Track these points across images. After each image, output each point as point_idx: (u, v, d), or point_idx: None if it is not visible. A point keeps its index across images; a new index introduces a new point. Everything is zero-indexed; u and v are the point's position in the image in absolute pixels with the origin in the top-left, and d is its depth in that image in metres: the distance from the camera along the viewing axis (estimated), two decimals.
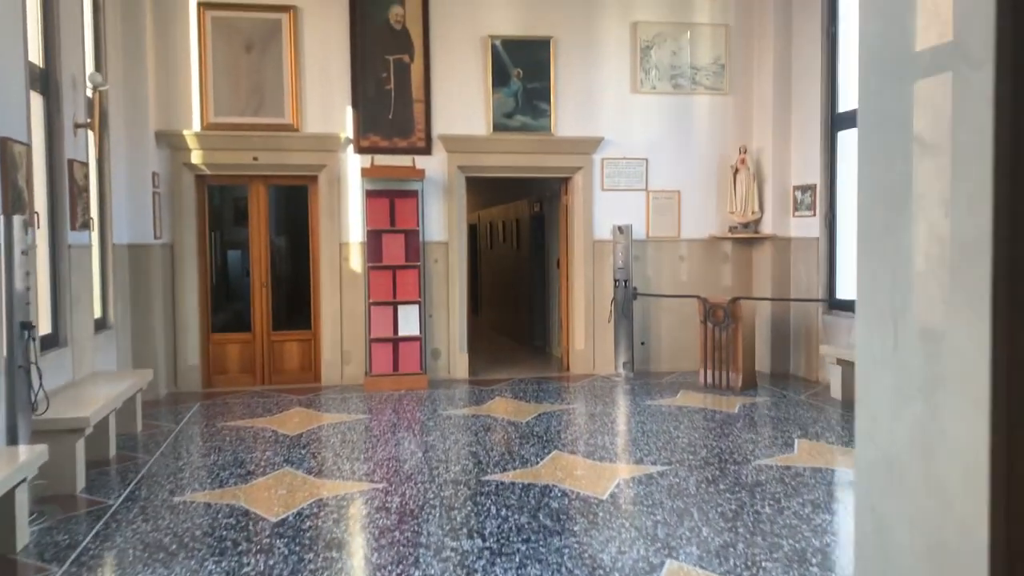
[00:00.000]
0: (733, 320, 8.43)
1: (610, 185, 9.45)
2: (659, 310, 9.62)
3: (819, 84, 8.87)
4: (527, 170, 9.36)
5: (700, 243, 9.69)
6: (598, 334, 9.49)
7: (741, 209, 9.49)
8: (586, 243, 9.43)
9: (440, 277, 9.13)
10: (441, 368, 9.19)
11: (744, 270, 9.77)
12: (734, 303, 8.43)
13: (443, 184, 9.08)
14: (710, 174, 9.66)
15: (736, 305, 8.43)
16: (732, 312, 8.43)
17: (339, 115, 8.86)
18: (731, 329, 8.44)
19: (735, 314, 8.43)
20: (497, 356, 11.09)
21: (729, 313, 8.41)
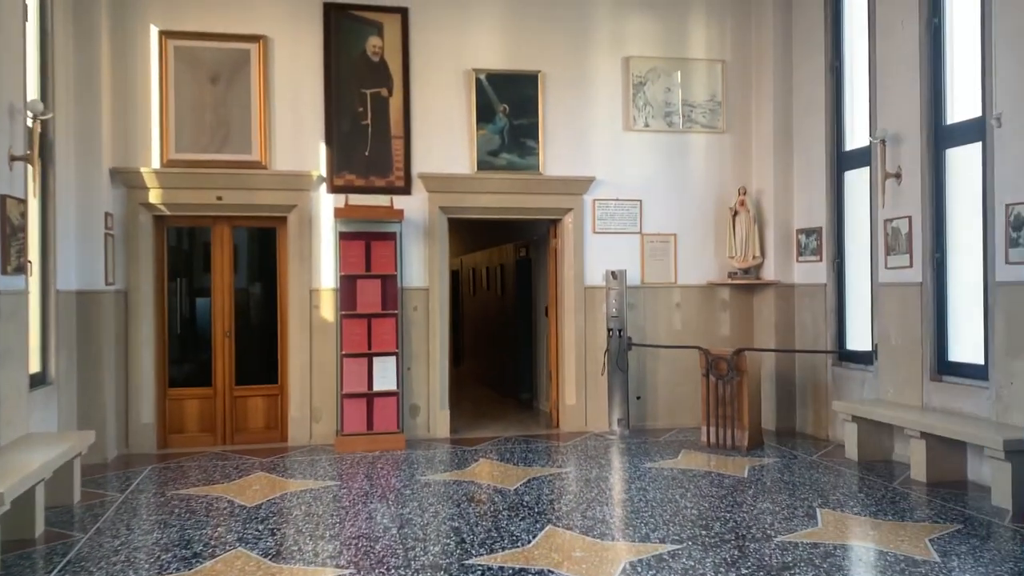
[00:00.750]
0: (737, 373, 7.77)
1: (602, 228, 8.84)
2: (655, 361, 8.95)
3: (823, 121, 8.36)
4: (513, 211, 8.74)
5: (698, 289, 9.07)
6: (590, 388, 8.79)
7: (741, 253, 8.90)
8: (577, 289, 8.78)
9: (420, 326, 8.43)
10: (420, 426, 8.44)
11: (744, 319, 9.14)
12: (738, 355, 7.78)
13: (423, 226, 8.43)
14: (707, 216, 9.09)
15: (740, 357, 7.78)
16: (736, 364, 7.77)
17: (311, 152, 8.23)
18: (735, 383, 7.77)
19: (739, 367, 7.78)
20: (481, 411, 10.34)
21: (733, 366, 7.75)
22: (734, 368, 7.76)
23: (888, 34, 7.36)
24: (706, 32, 9.08)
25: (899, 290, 7.21)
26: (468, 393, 12.34)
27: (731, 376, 7.75)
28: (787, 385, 8.79)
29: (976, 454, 6.40)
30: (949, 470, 6.50)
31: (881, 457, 7.29)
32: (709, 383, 7.93)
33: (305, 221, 8.19)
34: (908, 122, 7.11)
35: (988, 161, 6.33)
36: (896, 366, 7.26)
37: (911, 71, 7.08)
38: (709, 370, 7.91)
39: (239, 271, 8.40)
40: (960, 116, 6.76)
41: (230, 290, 8.29)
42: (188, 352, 8.43)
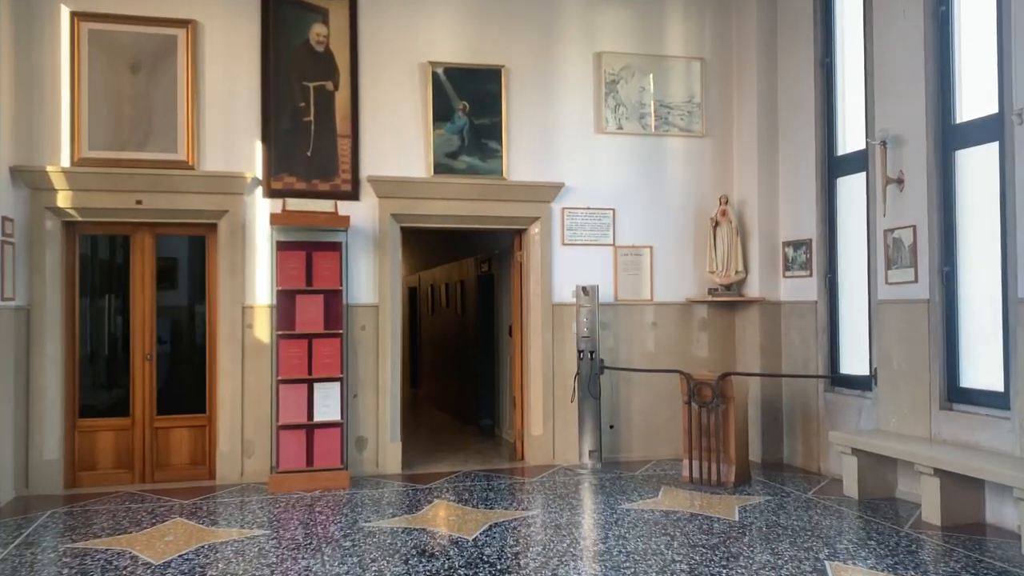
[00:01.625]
0: (723, 400, 6.97)
1: (572, 239, 8.02)
2: (628, 386, 8.12)
3: (812, 123, 7.64)
4: (474, 220, 7.87)
5: (675, 307, 8.27)
6: (559, 416, 7.93)
7: (723, 268, 8.13)
8: (544, 307, 7.93)
9: (368, 348, 7.51)
10: (368, 461, 7.50)
11: (726, 339, 8.36)
12: (724, 380, 6.98)
13: (373, 235, 7.53)
14: (686, 227, 8.32)
15: (726, 382, 6.98)
16: (722, 391, 6.97)
17: (246, 151, 7.30)
18: (721, 411, 6.97)
19: (725, 393, 6.98)
20: (438, 441, 9.42)
21: (718, 392, 6.95)
22: (719, 395, 6.95)
23: (888, 25, 6.67)
24: (684, 27, 8.35)
25: (902, 307, 6.48)
26: (425, 420, 11.41)
27: (716, 404, 6.94)
28: (773, 412, 8.01)
29: (996, 494, 5.65)
30: (965, 511, 5.74)
31: (884, 494, 6.52)
32: (691, 411, 7.11)
33: (238, 229, 7.25)
34: (911, 122, 6.41)
35: (1007, 163, 5.63)
36: (899, 393, 6.51)
37: (914, 65, 6.39)
38: (691, 397, 7.09)
39: (162, 285, 7.41)
40: (973, 114, 6.07)
41: (151, 307, 7.30)
42: (103, 377, 7.41)
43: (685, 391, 7.16)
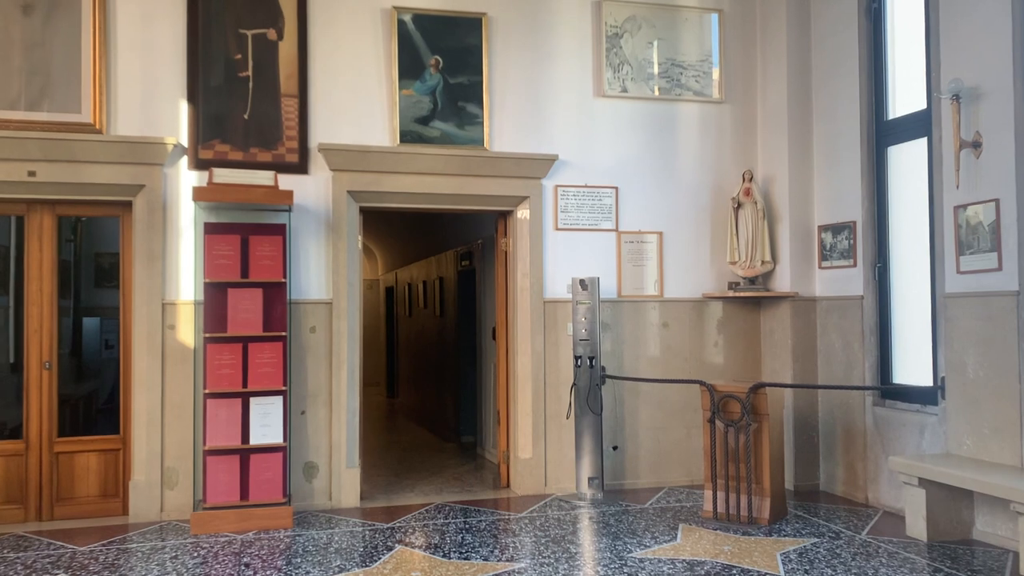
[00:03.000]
0: (755, 417, 5.65)
1: (567, 223, 6.70)
2: (635, 398, 6.80)
3: (856, 83, 6.35)
4: (449, 200, 6.53)
5: (690, 305, 6.96)
6: (552, 435, 6.59)
7: (746, 258, 6.82)
8: (534, 304, 6.59)
9: (319, 354, 6.16)
10: (319, 492, 6.14)
11: (749, 343, 7.05)
12: (756, 393, 5.65)
13: (325, 217, 6.19)
14: (703, 210, 7.01)
15: (759, 396, 5.66)
16: (754, 406, 5.65)
17: (167, 113, 5.95)
18: (752, 431, 5.64)
19: (758, 409, 5.66)
20: (410, 462, 8.06)
21: (749, 407, 5.62)
22: (751, 411, 5.63)
23: None
24: None
25: (980, 302, 5.18)
26: (400, 436, 10.05)
27: (747, 422, 5.62)
28: (808, 430, 6.70)
29: None
30: None
31: (959, 535, 5.22)
32: (715, 431, 5.78)
33: (157, 208, 5.89)
34: (994, 70, 5.12)
35: None
36: (977, 408, 5.21)
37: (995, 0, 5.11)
38: (716, 413, 5.76)
39: (64, 278, 6.04)
40: None
41: (51, 304, 5.93)
42: None
43: (708, 406, 5.83)
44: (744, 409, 5.61)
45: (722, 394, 5.75)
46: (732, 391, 5.73)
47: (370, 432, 10.21)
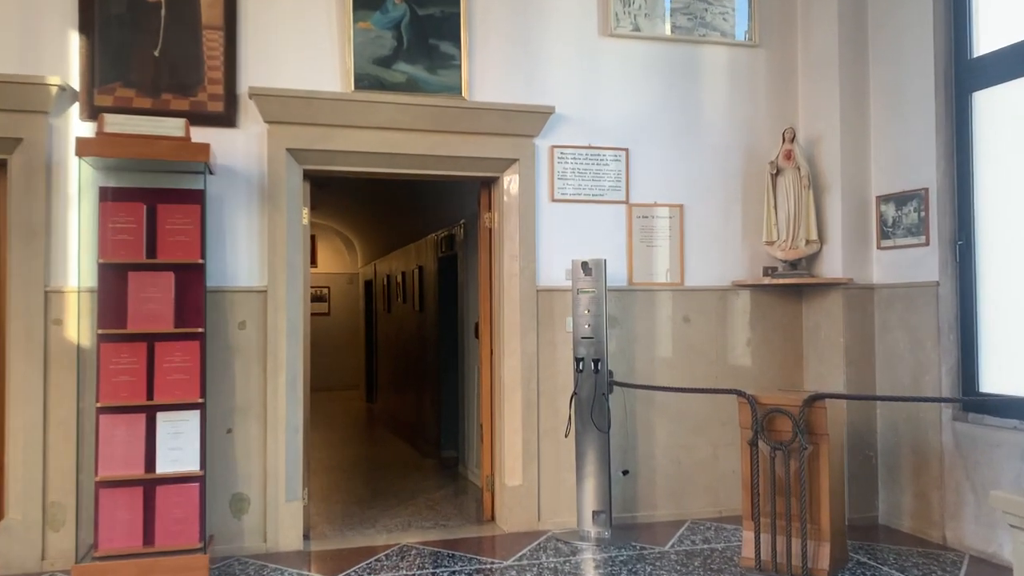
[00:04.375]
0: (811, 439, 4.34)
1: (566, 193, 5.39)
2: (649, 409, 5.50)
3: (929, 16, 5.05)
4: (419, 163, 5.21)
5: (716, 295, 5.66)
6: (547, 456, 5.29)
7: (787, 236, 5.52)
8: (524, 294, 5.29)
9: (250, 356, 4.85)
10: (250, 532, 4.82)
11: (789, 341, 5.76)
12: (813, 407, 4.34)
13: (259, 182, 4.88)
14: (732, 178, 5.71)
15: (816, 411, 4.34)
16: (809, 423, 4.34)
17: (53, 47, 4.63)
18: (807, 456, 4.33)
19: (815, 427, 4.35)
20: (378, 485, 6.76)
21: (804, 426, 4.31)
22: (805, 430, 4.31)
23: None
24: None
25: None
26: (374, 450, 8.74)
27: (801, 444, 4.30)
28: (863, 449, 5.41)
29: None
30: None
31: None
32: (757, 456, 4.47)
33: (38, 168, 4.57)
34: None
35: None
36: None
37: None
38: (758, 433, 4.44)
39: None
40: None
41: None
42: None
43: (748, 423, 4.51)
44: (797, 428, 4.30)
45: (767, 408, 4.44)
46: (781, 404, 4.41)
47: (338, 445, 8.91)
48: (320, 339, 15.40)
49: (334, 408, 12.41)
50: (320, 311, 15.20)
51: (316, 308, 14.91)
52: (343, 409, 12.34)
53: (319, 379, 15.03)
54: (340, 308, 15.11)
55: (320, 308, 15.21)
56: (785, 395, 4.50)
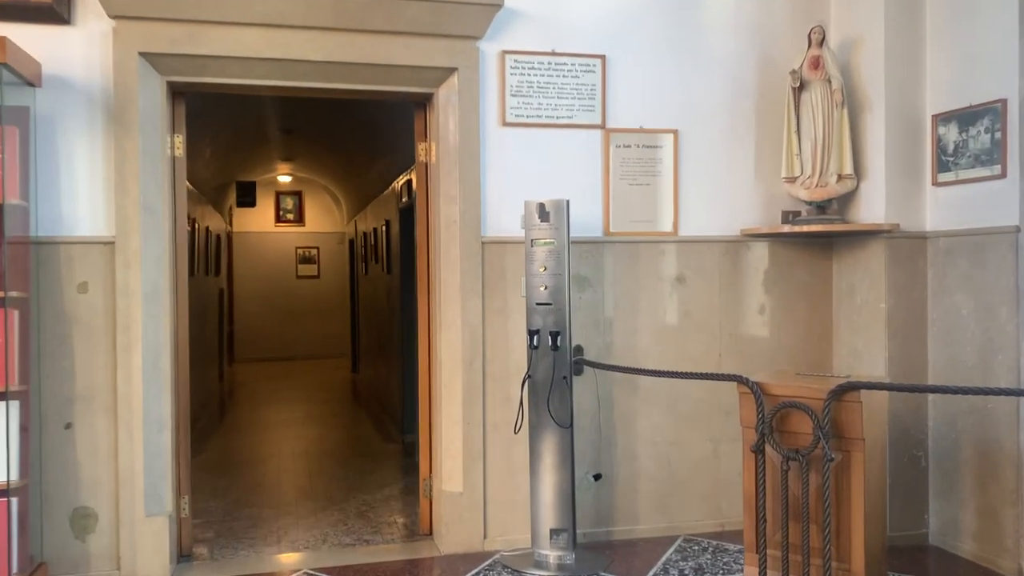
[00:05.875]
0: (839, 445, 3.09)
1: (522, 115, 4.13)
2: (631, 395, 4.28)
3: None
4: (324, 74, 3.97)
5: (720, 247, 4.39)
6: (495, 457, 4.11)
7: (813, 171, 4.22)
8: (466, 247, 4.06)
9: (94, 329, 3.68)
10: (99, 556, 3.70)
11: (815, 307, 4.49)
12: (842, 401, 3.08)
13: (103, 100, 3.68)
14: (743, 95, 4.41)
15: (848, 407, 3.09)
16: (838, 423, 3.09)
17: None
18: (832, 468, 3.09)
19: (844, 428, 3.10)
20: (313, 480, 5.64)
21: (828, 426, 3.05)
22: (830, 432, 3.06)
23: None
24: None
25: None
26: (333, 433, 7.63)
27: (825, 453, 3.05)
28: (911, 448, 4.15)
29: None
30: None
31: None
32: (763, 465, 3.23)
33: None
34: None
35: None
36: None
37: None
38: (766, 435, 3.19)
39: None
40: None
41: None
42: None
43: (751, 421, 3.27)
44: (819, 429, 3.04)
45: (779, 401, 3.19)
46: (797, 396, 3.16)
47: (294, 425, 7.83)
48: (310, 304, 14.46)
49: (314, 380, 11.34)
50: (309, 274, 14.13)
51: (306, 271, 13.90)
52: (323, 381, 11.26)
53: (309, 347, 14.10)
54: (330, 271, 13.99)
55: (309, 271, 14.12)
56: (805, 382, 3.25)
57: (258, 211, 13.84)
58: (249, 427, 7.85)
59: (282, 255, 14.03)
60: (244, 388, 10.89)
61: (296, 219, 14.11)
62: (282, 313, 13.69)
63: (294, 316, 13.65)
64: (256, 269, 13.90)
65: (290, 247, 14.07)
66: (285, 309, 13.70)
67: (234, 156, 9.99)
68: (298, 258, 14.10)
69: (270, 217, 14.06)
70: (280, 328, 13.66)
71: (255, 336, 13.75)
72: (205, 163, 8.41)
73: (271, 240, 14.04)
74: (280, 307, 13.73)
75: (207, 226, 8.67)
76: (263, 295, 13.79)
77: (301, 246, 14.06)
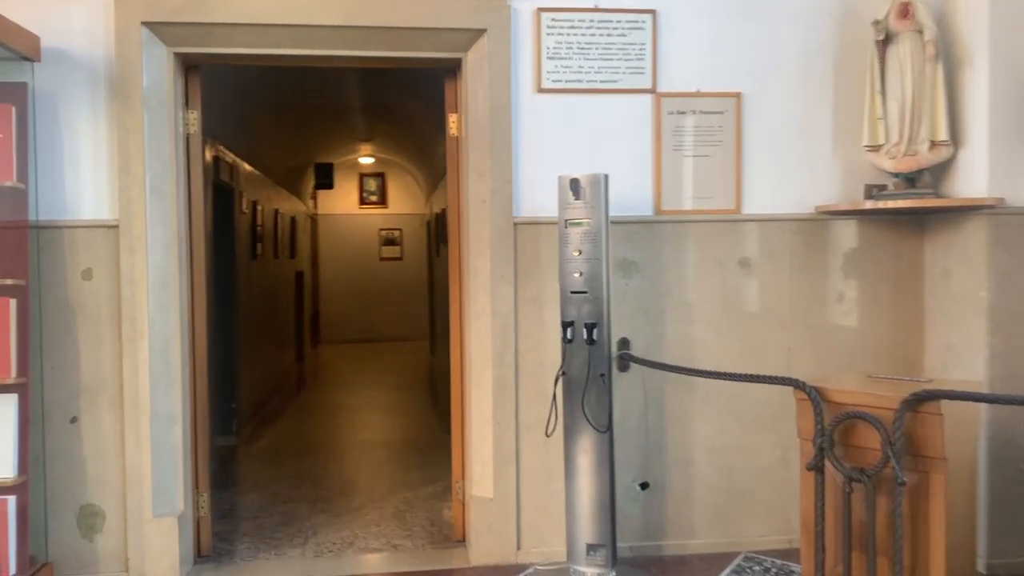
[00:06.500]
0: (916, 465, 2.57)
1: (560, 79, 3.70)
2: (687, 395, 3.82)
3: None
4: (342, 40, 3.64)
5: (792, 227, 3.85)
6: (529, 460, 3.73)
7: (899, 137, 3.63)
8: (496, 228, 3.68)
9: (100, 318, 3.48)
10: (107, 556, 3.52)
11: (903, 294, 3.90)
12: (918, 411, 2.55)
13: (103, 71, 3.46)
14: (816, 53, 3.84)
15: (926, 420, 2.55)
16: (914, 438, 2.56)
17: None
18: (904, 493, 2.57)
19: (921, 445, 2.57)
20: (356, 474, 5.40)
21: (900, 442, 2.53)
22: (903, 449, 2.54)
23: None
24: None
25: None
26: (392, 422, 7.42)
27: (896, 476, 2.53)
28: (1015, 460, 3.53)
29: None
30: None
31: None
32: (823, 486, 2.73)
33: None
34: None
35: None
36: None
37: None
38: (825, 450, 2.69)
39: None
40: None
41: None
42: None
43: (809, 432, 2.77)
44: (889, 446, 2.53)
45: (842, 410, 2.68)
46: (864, 404, 2.65)
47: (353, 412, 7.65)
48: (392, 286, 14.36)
49: (391, 363, 11.21)
50: (392, 256, 14.02)
51: (388, 252, 13.80)
52: (400, 364, 11.10)
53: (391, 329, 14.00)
54: (412, 253, 13.84)
55: (393, 252, 14.01)
56: (875, 388, 2.73)
57: (342, 193, 13.82)
58: (314, 412, 7.72)
59: (366, 237, 13.98)
60: (322, 371, 10.85)
61: (379, 201, 14.02)
62: (365, 295, 13.65)
63: (377, 298, 13.59)
64: (340, 251, 13.91)
65: (373, 229, 14.00)
66: (368, 291, 13.65)
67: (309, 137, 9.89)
68: (381, 240, 14.01)
69: (354, 199, 14.02)
70: (363, 310, 13.63)
71: (339, 318, 13.77)
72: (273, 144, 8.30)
73: (355, 222, 14.00)
74: (363, 289, 13.69)
75: (276, 209, 8.56)
76: (347, 277, 13.79)
77: (384, 228, 13.96)
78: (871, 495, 2.59)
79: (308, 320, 12.31)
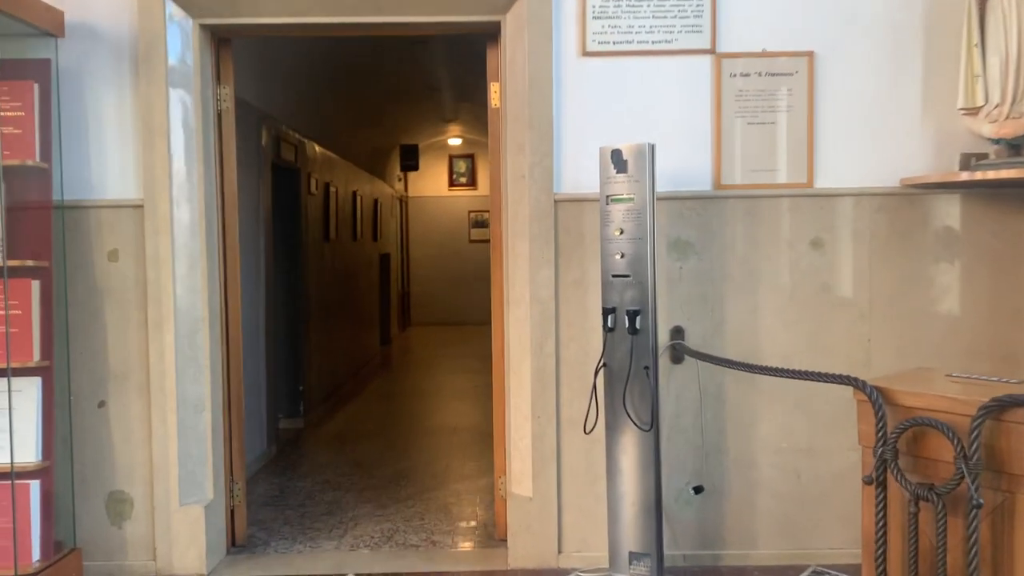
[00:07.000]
0: (997, 483, 2.15)
1: (607, 41, 3.37)
2: (749, 389, 3.44)
3: None
4: (371, 4, 3.41)
5: (875, 203, 3.40)
6: (571, 457, 3.45)
7: (1001, 98, 3.13)
8: (536, 206, 3.40)
9: (126, 300, 3.40)
10: (135, 545, 3.45)
11: (1004, 278, 3.39)
12: (1001, 420, 2.13)
13: (127, 46, 3.34)
14: (903, 4, 3.36)
15: (1010, 430, 2.13)
16: (994, 451, 2.14)
17: None
18: (982, 516, 2.15)
19: (1005, 460, 2.14)
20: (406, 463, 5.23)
21: (978, 458, 2.12)
22: (981, 463, 2.13)
23: None
24: None
25: None
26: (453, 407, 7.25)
27: (971, 497, 2.12)
28: None
29: None
30: None
31: None
32: (885, 502, 2.34)
33: None
34: None
35: None
36: None
37: None
38: (887, 462, 2.30)
39: None
40: None
41: None
42: None
43: (870, 440, 2.38)
44: (963, 461, 2.12)
45: (908, 415, 2.28)
46: (935, 409, 2.24)
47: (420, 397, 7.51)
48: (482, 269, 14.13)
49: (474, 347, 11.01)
50: (482, 238, 13.85)
51: (478, 235, 13.66)
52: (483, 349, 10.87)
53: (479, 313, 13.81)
54: None
55: (482, 235, 13.84)
56: (951, 390, 2.31)
57: (432, 175, 13.76)
58: (388, 396, 7.63)
59: (455, 219, 13.88)
60: (407, 354, 10.81)
61: (469, 182, 13.88)
62: (455, 278, 13.57)
63: (466, 281, 13.47)
64: (430, 234, 13.87)
65: (463, 211, 13.88)
66: (458, 274, 13.55)
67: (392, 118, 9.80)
68: (471, 222, 13.87)
69: (444, 181, 13.93)
70: (452, 293, 13.54)
71: (429, 301, 13.76)
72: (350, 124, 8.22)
73: (445, 204, 13.92)
74: (453, 272, 13.61)
75: (354, 191, 8.49)
76: (437, 259, 13.74)
77: (474, 210, 13.81)
78: (941, 516, 2.19)
79: (395, 303, 12.31)
